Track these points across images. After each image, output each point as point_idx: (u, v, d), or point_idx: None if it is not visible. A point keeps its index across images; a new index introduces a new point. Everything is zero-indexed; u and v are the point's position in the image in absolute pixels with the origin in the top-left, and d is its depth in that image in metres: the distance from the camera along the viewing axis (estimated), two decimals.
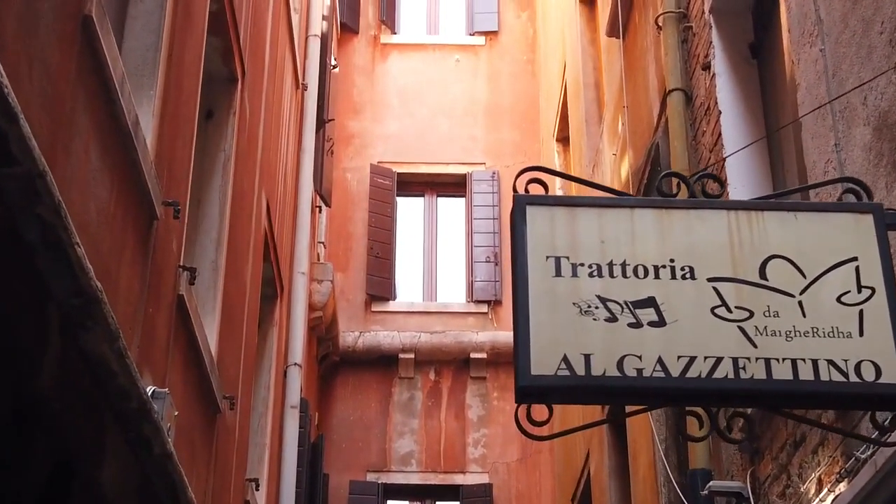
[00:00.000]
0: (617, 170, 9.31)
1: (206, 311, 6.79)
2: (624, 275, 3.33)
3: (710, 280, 3.37)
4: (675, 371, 3.21)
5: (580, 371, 3.13)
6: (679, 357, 3.22)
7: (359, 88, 16.11)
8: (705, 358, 3.23)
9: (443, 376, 14.59)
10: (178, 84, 5.75)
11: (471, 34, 16.62)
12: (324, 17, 12.36)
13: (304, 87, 11.39)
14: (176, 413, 5.26)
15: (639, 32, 8.65)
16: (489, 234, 15.19)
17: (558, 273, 3.31)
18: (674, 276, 3.34)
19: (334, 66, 13.09)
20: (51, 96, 3.72)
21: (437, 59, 16.40)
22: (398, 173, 15.59)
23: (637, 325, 3.26)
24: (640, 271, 3.34)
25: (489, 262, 15.03)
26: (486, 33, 16.53)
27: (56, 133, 3.76)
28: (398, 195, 15.62)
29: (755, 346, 3.27)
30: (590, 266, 3.33)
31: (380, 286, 14.91)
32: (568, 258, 3.33)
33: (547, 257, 3.33)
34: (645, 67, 8.30)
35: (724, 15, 6.79)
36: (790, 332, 3.31)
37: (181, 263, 5.82)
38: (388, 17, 16.54)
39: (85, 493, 4.28)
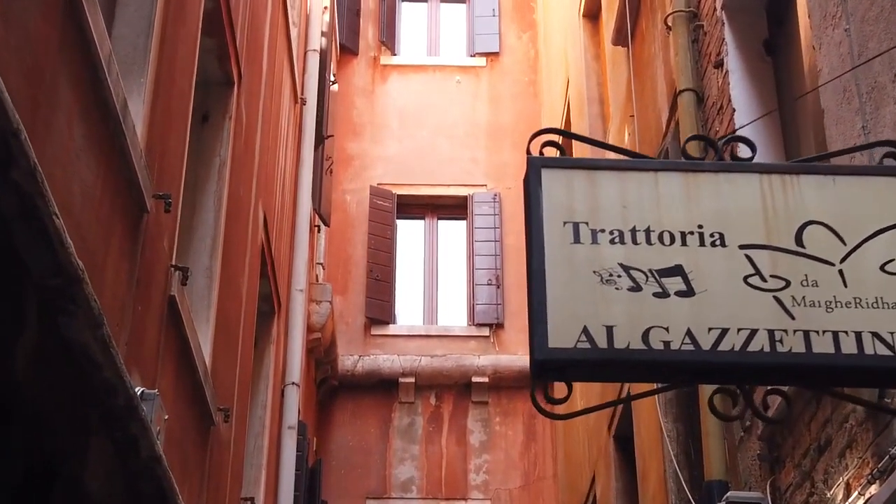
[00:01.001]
0: None
1: (199, 318, 6.53)
2: (648, 241, 3.07)
3: (742, 247, 3.12)
4: (706, 344, 2.95)
5: (602, 344, 2.87)
6: (710, 329, 2.96)
7: (358, 110, 15.89)
8: (738, 330, 2.97)
9: (444, 401, 14.29)
10: (171, 75, 5.52)
11: (471, 55, 16.42)
12: (323, 34, 12.16)
13: (303, 102, 11.16)
14: (166, 417, 4.99)
15: (646, 39, 8.44)
16: (491, 256, 14.93)
17: (577, 240, 3.05)
18: (702, 243, 3.09)
19: (333, 82, 12.88)
20: (30, 63, 3.48)
21: (438, 80, 16.19)
22: (398, 195, 15.34)
23: (663, 294, 3.00)
24: (666, 238, 3.09)
25: (491, 284, 14.76)
26: (487, 54, 16.33)
27: (35, 102, 3.51)
28: (398, 218, 15.37)
29: (793, 317, 3.01)
30: (611, 232, 3.07)
31: (379, 309, 14.63)
32: (587, 224, 3.08)
33: (564, 223, 3.08)
34: (653, 74, 8.08)
35: (737, 12, 6.57)
36: (830, 302, 3.05)
37: (173, 263, 5.56)
38: (387, 39, 16.35)
39: (67, 495, 4.01)
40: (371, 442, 14.00)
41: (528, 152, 3.21)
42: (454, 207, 15.49)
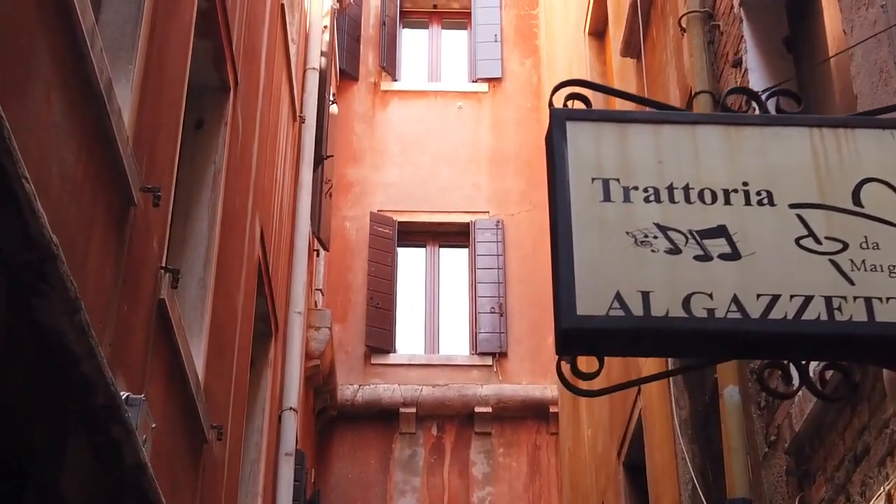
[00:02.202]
0: None
1: (192, 329, 6.21)
2: (687, 200, 2.75)
3: (792, 206, 2.80)
4: (755, 312, 2.62)
5: (637, 311, 2.54)
6: (759, 296, 2.63)
7: (358, 136, 15.61)
8: (791, 297, 2.64)
9: (446, 431, 13.90)
10: (161, 65, 5.22)
11: (473, 81, 16.15)
12: (322, 53, 11.89)
13: (302, 120, 10.87)
14: (153, 426, 4.65)
15: (657, 47, 8.16)
16: (494, 284, 14.60)
17: (607, 197, 2.73)
18: (748, 202, 2.77)
19: (333, 102, 12.60)
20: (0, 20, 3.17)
21: (439, 106, 15.91)
22: (399, 222, 15.03)
23: (705, 257, 2.67)
24: (707, 196, 2.77)
25: (494, 312, 14.41)
26: (489, 80, 16.06)
27: (7, 63, 3.20)
28: (399, 246, 15.04)
29: (852, 282, 2.69)
30: (645, 190, 2.75)
31: (380, 338, 14.28)
32: (618, 180, 2.76)
33: (593, 179, 2.75)
34: (665, 81, 7.79)
35: (756, 9, 6.27)
36: (894, 267, 2.73)
37: (163, 265, 5.24)
38: (388, 64, 16.08)
39: (40, 499, 3.66)
40: (371, 474, 13.60)
41: (551, 105, 2.90)
42: (456, 234, 15.17)
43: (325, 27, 12.04)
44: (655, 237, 2.69)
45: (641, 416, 8.68)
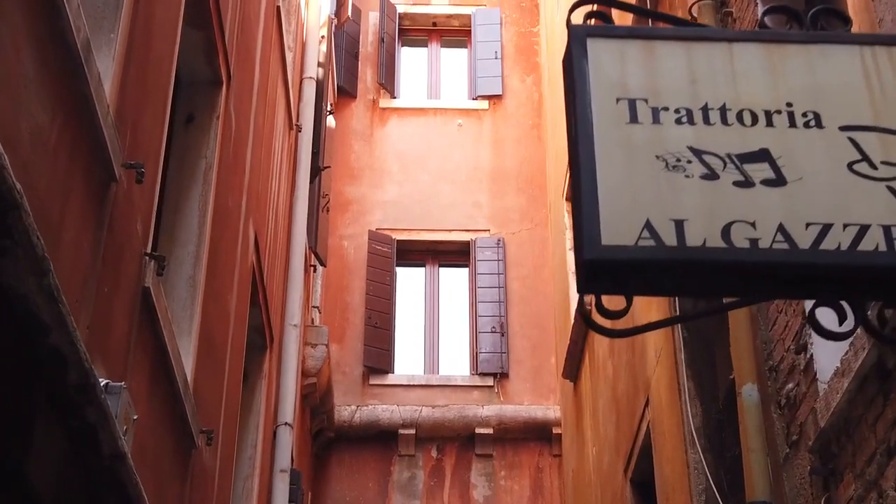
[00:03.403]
0: None
1: (181, 329, 5.90)
2: (724, 121, 2.45)
3: (843, 129, 2.49)
4: (804, 242, 2.31)
5: (670, 241, 2.22)
6: (808, 225, 2.33)
7: (356, 154, 15.32)
8: (845, 226, 2.33)
9: (446, 454, 13.54)
10: (147, 38, 4.93)
11: (473, 98, 15.89)
12: (319, 64, 11.63)
13: (298, 129, 10.59)
14: (135, 417, 4.33)
15: None
16: (495, 303, 14.27)
17: (634, 119, 2.43)
18: (793, 124, 2.47)
19: (330, 112, 12.33)
20: None
21: (439, 123, 15.64)
22: (398, 240, 14.72)
23: (746, 183, 2.36)
24: (747, 117, 2.47)
25: (495, 332, 14.09)
26: (489, 97, 15.80)
27: None
28: (398, 265, 14.73)
29: None
30: (677, 111, 2.45)
31: (378, 358, 13.94)
32: (646, 101, 2.46)
33: (617, 100, 2.45)
34: None
35: None
36: None
37: (148, 251, 4.93)
38: (387, 81, 15.81)
39: (5, 489, 3.34)
40: (369, 497, 13.22)
41: (569, 23, 2.59)
42: (456, 253, 14.86)
43: (323, 37, 11.78)
44: (689, 161, 2.39)
45: (650, 429, 8.35)
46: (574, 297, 11.94)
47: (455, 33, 16.64)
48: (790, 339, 5.26)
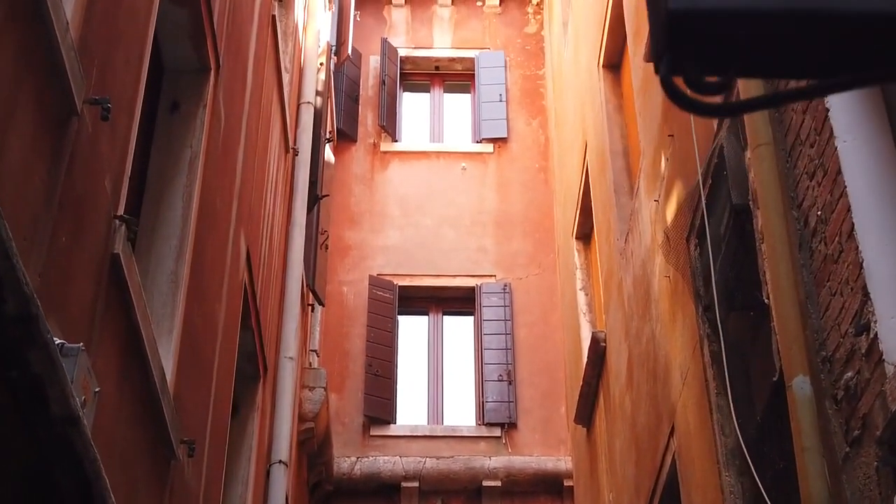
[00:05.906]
0: (662, 217, 7.88)
1: (160, 328, 5.30)
2: None
3: None
4: None
5: None
6: None
7: (357, 198, 14.76)
8: None
9: None
10: None
11: (478, 141, 15.36)
12: (318, 93, 11.11)
13: (296, 152, 10.03)
14: (97, 390, 3.69)
15: None
16: (502, 350, 13.62)
17: None
18: None
19: (329, 140, 11.78)
20: None
21: (442, 167, 15.09)
22: (400, 286, 14.09)
23: None
24: None
25: (502, 380, 13.41)
26: (494, 140, 15.27)
27: None
28: (400, 314, 14.08)
29: None
30: None
31: (379, 408, 13.24)
32: None
33: None
34: None
35: None
36: None
37: (118, 213, 4.32)
38: (388, 124, 15.30)
39: None
40: None
41: None
42: (461, 300, 14.22)
43: (322, 65, 11.28)
44: None
45: (675, 459, 7.69)
46: (586, 338, 11.31)
47: (458, 77, 16.17)
48: (847, 322, 4.64)
